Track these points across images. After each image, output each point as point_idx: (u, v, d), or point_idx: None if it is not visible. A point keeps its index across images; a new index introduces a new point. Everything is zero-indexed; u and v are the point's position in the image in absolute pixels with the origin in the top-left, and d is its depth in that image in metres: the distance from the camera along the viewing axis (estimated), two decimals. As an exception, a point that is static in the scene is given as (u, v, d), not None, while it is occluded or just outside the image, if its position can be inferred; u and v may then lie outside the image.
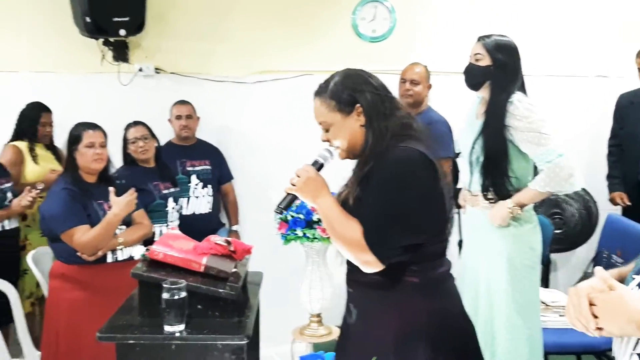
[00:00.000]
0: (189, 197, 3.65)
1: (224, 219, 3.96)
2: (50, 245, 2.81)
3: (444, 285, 1.78)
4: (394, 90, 3.36)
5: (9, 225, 3.28)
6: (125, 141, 3.31)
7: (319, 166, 1.75)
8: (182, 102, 3.71)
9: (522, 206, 2.47)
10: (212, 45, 3.93)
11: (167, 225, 3.29)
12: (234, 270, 1.98)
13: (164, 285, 1.81)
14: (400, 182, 1.63)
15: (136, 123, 3.33)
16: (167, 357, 1.82)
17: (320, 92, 1.76)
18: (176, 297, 1.81)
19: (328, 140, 1.76)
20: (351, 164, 1.79)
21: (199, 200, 3.67)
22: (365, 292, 1.75)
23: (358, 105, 1.71)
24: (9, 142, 3.53)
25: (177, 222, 3.37)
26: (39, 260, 3.20)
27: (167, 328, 1.83)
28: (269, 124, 3.95)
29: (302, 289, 2.81)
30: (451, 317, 1.75)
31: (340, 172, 1.81)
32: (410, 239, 1.64)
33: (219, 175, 3.82)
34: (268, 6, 3.93)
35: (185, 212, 3.58)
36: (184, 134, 3.67)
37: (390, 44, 3.96)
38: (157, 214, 3.24)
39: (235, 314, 1.93)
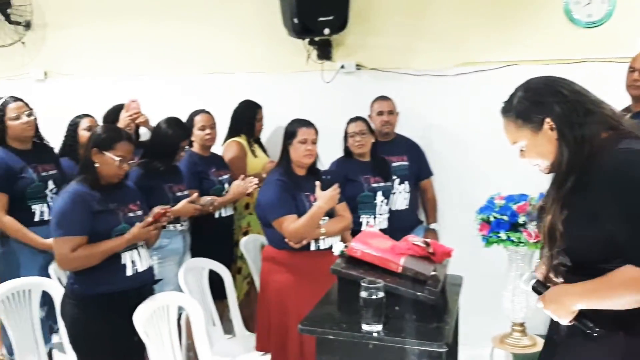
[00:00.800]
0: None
1: (422, 216, 3.90)
2: (264, 230, 3.06)
3: None
4: (617, 80, 3.08)
5: (225, 213, 3.58)
6: (346, 134, 3.47)
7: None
8: (383, 98, 3.72)
9: None
10: (413, 39, 3.89)
11: (374, 217, 3.41)
12: (432, 273, 1.92)
13: (362, 284, 1.81)
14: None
15: (357, 118, 3.47)
16: (363, 355, 1.82)
17: (506, 110, 1.67)
18: (374, 296, 1.81)
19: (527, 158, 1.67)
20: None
21: (396, 197, 3.65)
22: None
23: (547, 119, 1.58)
24: (228, 139, 3.84)
25: (386, 216, 3.46)
26: (249, 246, 3.49)
27: (365, 327, 1.83)
28: (472, 118, 3.78)
29: (505, 295, 2.66)
30: None
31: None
32: None
33: (417, 171, 3.77)
34: (470, -5, 3.78)
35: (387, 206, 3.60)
36: (385, 129, 3.68)
37: (608, 29, 3.54)
38: (365, 206, 3.39)
39: (434, 319, 1.87)
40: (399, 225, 3.52)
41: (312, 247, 2.88)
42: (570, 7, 3.61)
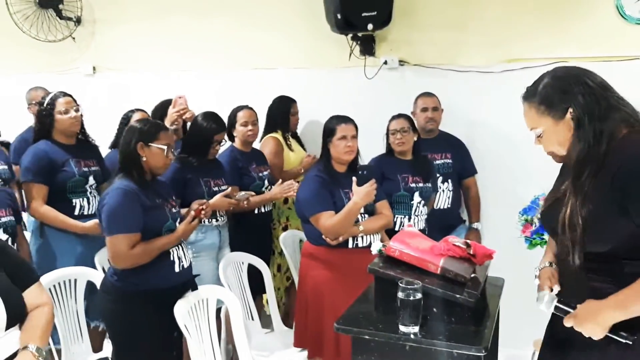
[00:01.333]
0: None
1: (465, 215, 3.84)
2: (303, 226, 3.07)
3: None
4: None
5: (264, 208, 3.60)
6: (388, 131, 3.41)
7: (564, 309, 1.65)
8: (428, 94, 3.66)
9: None
10: (457, 35, 3.82)
11: (408, 218, 3.32)
12: (472, 275, 1.89)
13: (400, 285, 1.79)
14: None
15: (399, 115, 3.40)
16: (400, 357, 1.80)
17: (529, 96, 1.66)
18: (411, 297, 1.78)
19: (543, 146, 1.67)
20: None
21: (439, 195, 3.60)
22: None
23: (571, 109, 1.57)
24: (265, 134, 3.87)
25: (424, 217, 3.39)
26: (288, 241, 3.50)
27: (402, 328, 1.81)
28: (517, 117, 3.65)
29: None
30: None
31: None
32: None
33: (460, 169, 3.70)
34: (517, -10, 3.68)
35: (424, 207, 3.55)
36: (429, 126, 3.62)
37: (662, 25, 3.41)
38: (400, 205, 3.31)
39: (473, 322, 1.83)
40: (441, 224, 3.48)
41: (350, 245, 2.86)
42: (622, 3, 3.48)
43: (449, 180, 3.63)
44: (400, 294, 1.79)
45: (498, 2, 3.72)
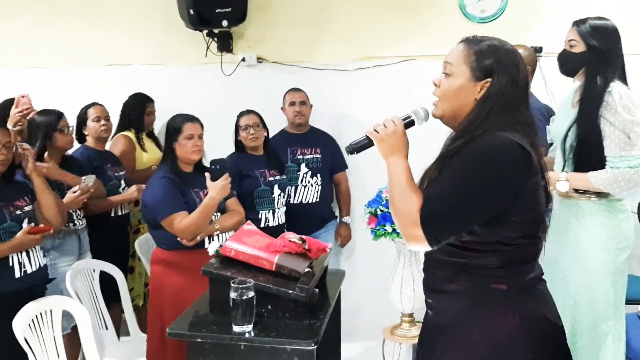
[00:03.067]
0: (297, 186, 3.61)
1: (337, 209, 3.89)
2: (151, 233, 2.92)
3: (534, 292, 1.60)
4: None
5: (121, 211, 3.45)
6: (237, 128, 3.35)
7: (408, 122, 1.65)
8: (296, 89, 3.68)
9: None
10: (314, 33, 3.87)
11: (273, 212, 3.33)
12: (307, 270, 1.90)
13: (232, 284, 1.77)
14: (481, 167, 1.49)
15: (249, 111, 3.37)
16: (235, 357, 1.79)
17: (470, 42, 1.60)
18: (244, 296, 1.77)
19: (437, 86, 1.62)
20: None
21: (307, 190, 3.63)
22: (447, 302, 1.61)
23: (490, 80, 1.56)
24: (117, 133, 3.72)
25: (283, 209, 3.41)
26: (145, 246, 3.38)
27: (236, 328, 1.80)
28: (375, 112, 3.79)
29: (393, 287, 2.69)
30: (544, 328, 1.58)
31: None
32: (468, 226, 1.51)
33: (331, 164, 3.74)
34: (370, -9, 3.80)
35: (293, 200, 3.58)
36: (297, 120, 3.62)
37: (501, 24, 3.65)
38: (262, 200, 3.30)
39: (307, 317, 1.85)
40: (312, 218, 3.51)
41: (207, 245, 2.69)
42: (465, 2, 3.69)
43: (318, 175, 3.66)
44: (232, 294, 1.78)
45: (352, 1, 3.81)
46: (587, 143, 2.32)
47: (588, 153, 2.33)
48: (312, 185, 3.66)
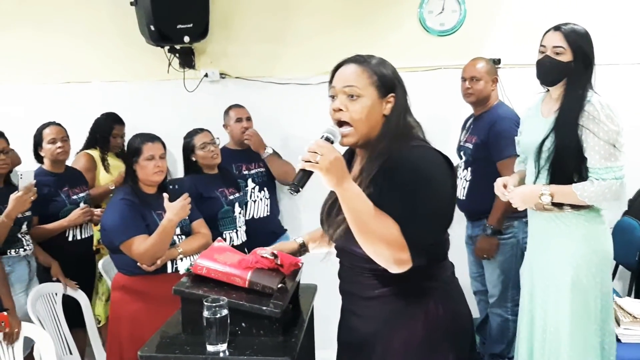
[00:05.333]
0: (246, 202, 3.56)
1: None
2: (112, 257, 2.82)
3: (456, 286, 1.75)
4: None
5: (84, 234, 3.34)
6: (192, 148, 3.22)
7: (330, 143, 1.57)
8: (239, 106, 3.64)
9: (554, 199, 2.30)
10: (276, 48, 3.88)
11: (236, 231, 3.27)
12: (280, 285, 1.88)
13: (205, 303, 1.74)
14: (428, 180, 1.54)
15: (202, 130, 3.27)
16: (210, 377, 1.75)
17: (362, 61, 1.65)
18: (217, 315, 1.74)
19: (341, 111, 1.61)
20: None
21: (257, 204, 3.59)
22: (377, 307, 1.67)
23: (393, 94, 1.63)
24: (81, 150, 3.63)
25: (244, 227, 3.35)
26: (109, 267, 3.29)
27: (210, 348, 1.76)
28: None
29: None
30: (465, 318, 1.75)
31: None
32: (436, 237, 1.61)
33: (274, 177, 3.69)
34: (331, 5, 3.82)
35: (246, 217, 3.51)
36: (245, 137, 3.58)
37: (460, 37, 3.73)
38: (225, 221, 3.23)
39: (281, 333, 1.83)
40: (262, 233, 3.46)
41: (169, 269, 2.67)
42: (425, 16, 3.76)
43: (265, 189, 3.63)
44: (205, 313, 1.74)
45: (312, 16, 3.84)
46: (566, 153, 2.26)
47: (566, 163, 2.28)
48: (261, 199, 3.62)
